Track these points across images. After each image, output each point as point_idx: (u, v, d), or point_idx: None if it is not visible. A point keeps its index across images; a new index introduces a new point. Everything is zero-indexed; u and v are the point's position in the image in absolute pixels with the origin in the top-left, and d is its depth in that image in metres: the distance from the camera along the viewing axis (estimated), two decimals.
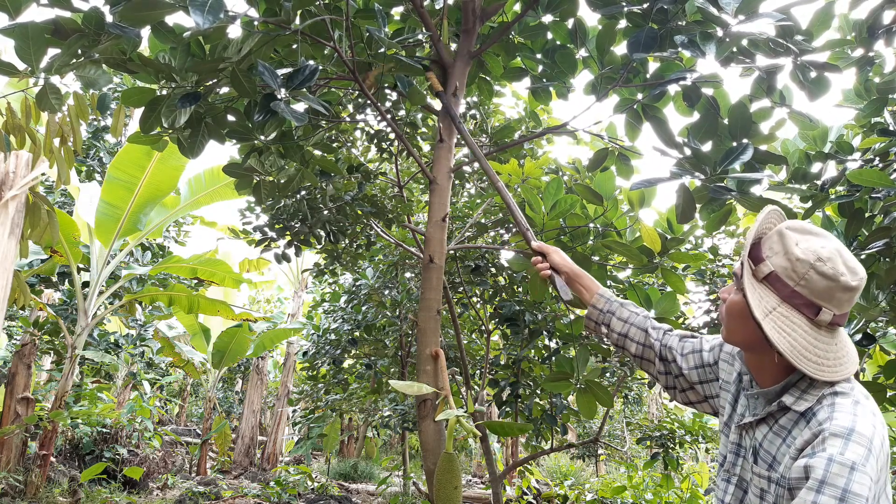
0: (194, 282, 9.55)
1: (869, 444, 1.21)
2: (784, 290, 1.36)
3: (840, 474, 1.17)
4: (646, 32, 2.69)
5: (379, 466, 13.47)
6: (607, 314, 1.89)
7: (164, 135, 2.88)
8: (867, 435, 1.22)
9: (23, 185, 5.58)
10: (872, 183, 2.54)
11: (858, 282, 1.34)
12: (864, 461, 1.18)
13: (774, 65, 2.66)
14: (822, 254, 1.34)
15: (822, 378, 1.32)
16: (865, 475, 1.17)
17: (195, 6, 1.99)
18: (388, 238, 4.77)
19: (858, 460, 1.18)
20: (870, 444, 1.21)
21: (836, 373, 1.34)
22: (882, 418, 1.31)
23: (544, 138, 5.36)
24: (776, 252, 1.39)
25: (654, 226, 3.26)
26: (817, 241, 1.36)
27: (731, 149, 2.52)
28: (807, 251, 1.35)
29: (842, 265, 1.33)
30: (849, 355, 1.38)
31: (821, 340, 1.35)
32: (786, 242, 1.38)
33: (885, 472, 1.26)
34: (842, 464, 1.18)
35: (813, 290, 1.34)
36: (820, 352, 1.34)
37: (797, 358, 1.33)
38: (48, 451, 7.23)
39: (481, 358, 6.15)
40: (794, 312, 1.35)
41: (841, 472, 1.17)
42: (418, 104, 3.27)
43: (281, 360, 17.58)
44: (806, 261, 1.34)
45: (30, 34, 2.22)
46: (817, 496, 1.17)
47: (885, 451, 1.26)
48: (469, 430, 2.41)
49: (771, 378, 1.44)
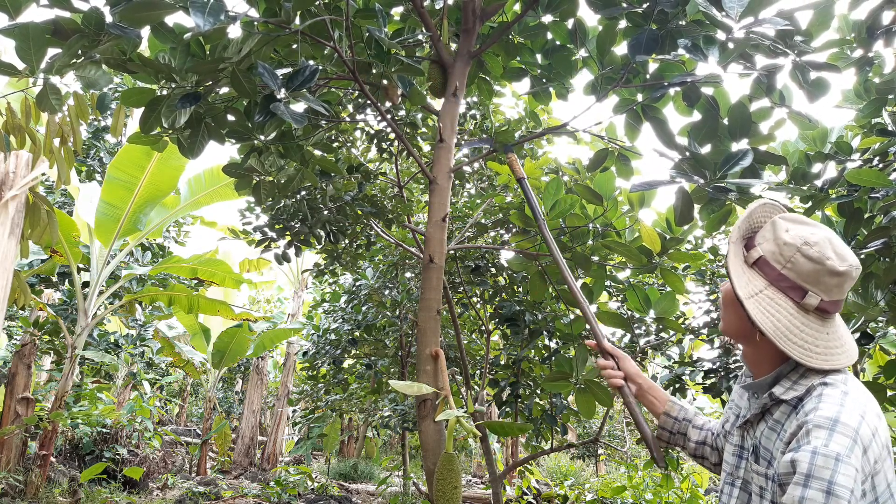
0: (194, 282, 9.56)
1: (854, 434, 1.20)
2: (771, 273, 1.39)
3: (825, 466, 1.17)
4: (647, 34, 2.68)
5: (379, 466, 13.47)
6: (684, 422, 1.77)
7: (164, 135, 2.88)
8: (852, 425, 1.21)
9: (23, 185, 5.58)
10: (870, 183, 2.54)
11: (847, 267, 1.34)
12: (849, 452, 1.18)
13: (774, 65, 2.66)
14: (810, 239, 1.36)
15: (811, 364, 1.33)
16: (850, 466, 1.17)
17: (196, 7, 2.00)
18: (388, 238, 4.77)
19: (843, 451, 1.18)
20: (855, 434, 1.20)
21: (826, 361, 1.34)
22: (877, 409, 1.31)
23: (544, 138, 5.36)
24: (767, 239, 1.43)
25: (654, 226, 3.26)
26: (807, 229, 1.39)
27: (731, 154, 2.52)
28: (795, 236, 1.38)
29: (830, 250, 1.35)
30: (844, 347, 1.38)
31: (809, 325, 1.36)
32: (776, 229, 1.42)
33: (886, 463, 1.25)
34: (826, 455, 1.18)
35: (799, 272, 1.36)
36: (808, 337, 1.35)
37: (780, 339, 1.34)
38: (48, 451, 7.23)
39: (481, 358, 6.15)
40: (780, 295, 1.37)
41: (826, 464, 1.17)
42: (418, 104, 3.27)
43: (281, 360, 17.58)
44: (793, 244, 1.37)
45: (30, 34, 2.22)
46: (804, 490, 1.18)
47: (881, 440, 1.25)
48: (469, 430, 2.41)
49: (765, 370, 1.45)
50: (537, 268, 3.46)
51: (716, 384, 4.61)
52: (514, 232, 4.77)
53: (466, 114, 5.15)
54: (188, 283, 9.56)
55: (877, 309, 2.76)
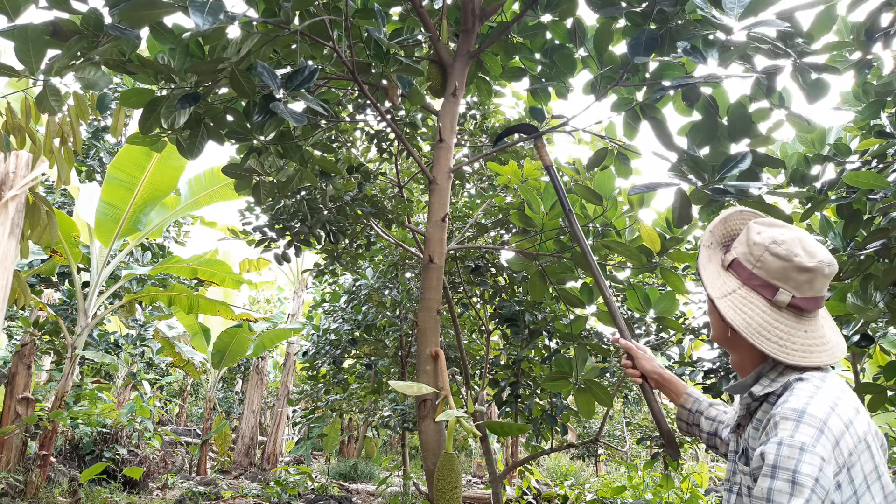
0: (194, 282, 9.56)
1: (821, 424, 1.22)
2: (743, 273, 1.44)
3: (790, 457, 1.19)
4: (646, 34, 2.68)
5: (379, 466, 13.47)
6: (696, 414, 1.81)
7: (164, 135, 2.88)
8: (820, 416, 1.23)
9: (23, 185, 5.58)
10: (868, 185, 2.54)
11: (816, 263, 1.37)
12: (815, 442, 1.20)
13: (774, 66, 2.66)
14: (779, 238, 1.41)
15: (786, 360, 1.35)
16: (815, 455, 1.19)
17: (195, 7, 2.00)
18: (388, 238, 4.77)
19: (808, 441, 1.20)
20: (822, 425, 1.22)
21: (803, 359, 1.36)
22: (856, 403, 1.32)
23: (544, 138, 5.35)
24: (741, 242, 1.48)
25: (654, 225, 3.26)
26: (778, 230, 1.44)
27: (730, 157, 2.52)
28: (765, 237, 1.43)
29: (798, 248, 1.38)
30: (826, 346, 1.39)
31: (783, 322, 1.39)
32: (749, 233, 1.47)
33: (863, 456, 1.26)
34: (791, 446, 1.20)
35: (769, 270, 1.40)
36: (782, 334, 1.38)
37: (753, 335, 1.38)
38: (48, 451, 7.23)
39: (481, 358, 6.15)
40: (752, 294, 1.42)
41: (791, 454, 1.20)
42: (418, 104, 3.27)
43: (281, 360, 17.58)
44: (762, 244, 1.42)
45: (29, 36, 2.22)
46: (772, 482, 1.20)
47: (856, 433, 1.26)
48: (469, 430, 2.41)
49: (749, 373, 1.48)
50: (537, 268, 3.46)
51: (716, 384, 4.62)
52: (514, 232, 4.77)
53: (466, 114, 5.15)
54: (188, 283, 9.56)
55: (876, 310, 2.76)
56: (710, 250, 1.54)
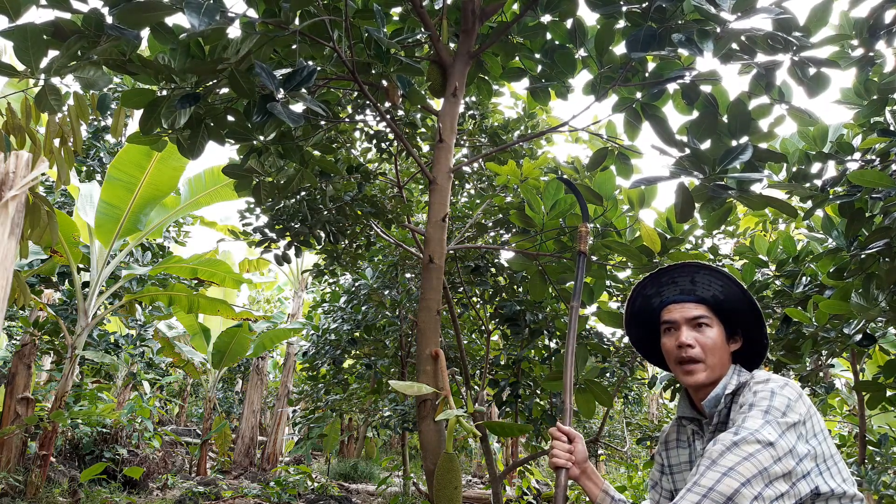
0: (194, 282, 9.55)
1: (785, 382, 1.49)
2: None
3: (764, 397, 1.46)
4: (644, 31, 2.68)
5: (379, 466, 13.47)
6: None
7: (164, 135, 2.88)
8: (782, 381, 1.51)
9: (23, 185, 5.58)
10: (873, 184, 2.54)
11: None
12: (782, 387, 1.48)
13: (773, 61, 2.66)
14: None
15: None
16: (785, 396, 1.45)
17: (191, 8, 1.99)
18: (387, 238, 4.76)
19: (777, 386, 1.48)
20: (785, 383, 1.49)
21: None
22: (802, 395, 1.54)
23: (543, 138, 5.36)
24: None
25: (654, 225, 3.26)
26: None
27: (731, 148, 2.52)
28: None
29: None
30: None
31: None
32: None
33: (814, 418, 1.49)
34: (764, 391, 1.48)
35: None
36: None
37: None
38: (48, 451, 7.22)
39: (481, 358, 6.15)
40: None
41: (765, 395, 1.47)
42: (418, 104, 3.26)
43: (281, 360, 17.57)
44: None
45: (29, 36, 2.22)
46: (750, 410, 1.44)
47: (807, 401, 1.50)
48: (469, 430, 2.41)
49: (717, 375, 1.66)
50: (537, 267, 3.45)
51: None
52: (514, 232, 4.77)
53: (466, 114, 5.15)
54: (188, 283, 9.55)
55: (877, 309, 2.76)
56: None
